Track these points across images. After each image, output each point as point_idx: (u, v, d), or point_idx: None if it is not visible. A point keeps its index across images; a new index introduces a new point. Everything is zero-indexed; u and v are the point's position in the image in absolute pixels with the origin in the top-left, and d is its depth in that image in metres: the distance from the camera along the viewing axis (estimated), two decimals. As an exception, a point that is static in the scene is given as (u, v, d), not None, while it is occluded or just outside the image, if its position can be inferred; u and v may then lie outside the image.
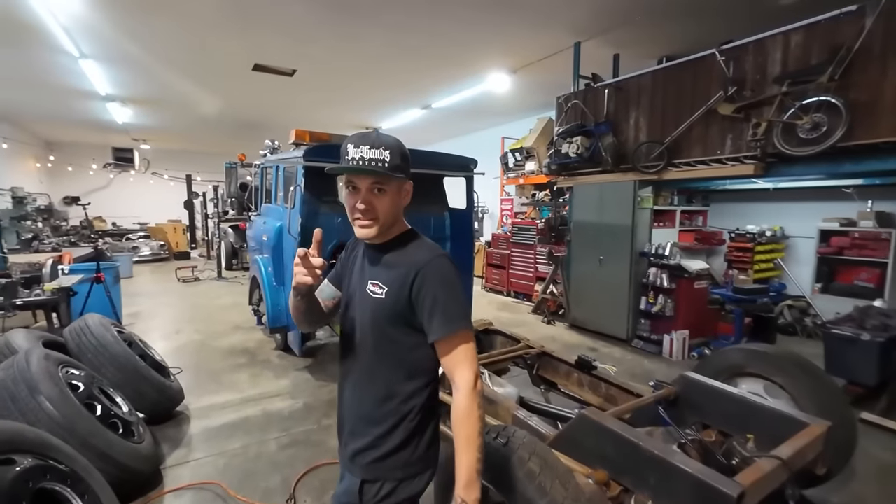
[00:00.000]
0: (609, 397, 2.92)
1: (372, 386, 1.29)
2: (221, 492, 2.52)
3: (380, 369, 1.28)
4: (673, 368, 4.66)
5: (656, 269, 5.16)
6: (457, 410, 1.20)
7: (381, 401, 1.28)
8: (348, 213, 1.27)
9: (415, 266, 1.24)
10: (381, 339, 1.27)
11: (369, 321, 1.28)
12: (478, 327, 3.95)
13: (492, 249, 8.96)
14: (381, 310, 1.26)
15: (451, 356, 1.23)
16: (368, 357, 1.30)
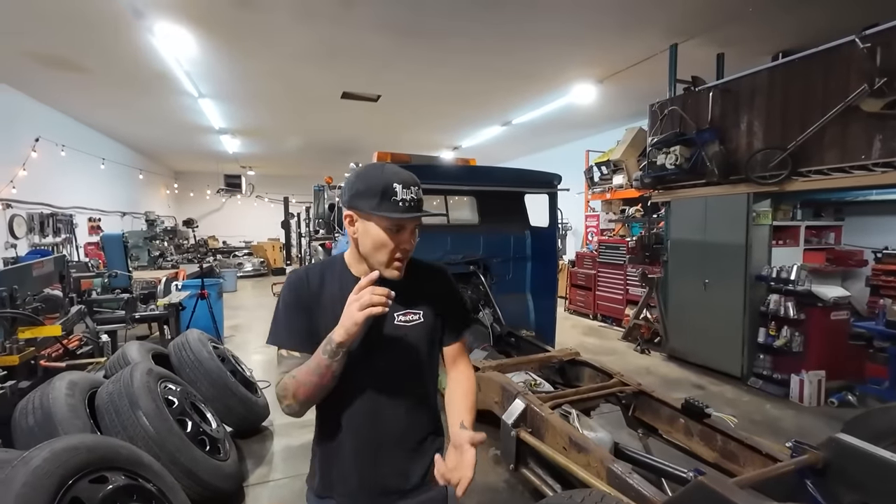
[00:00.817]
0: (727, 454, 2.43)
1: (414, 413, 1.30)
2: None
3: (418, 393, 1.31)
4: (805, 417, 3.87)
5: (779, 297, 4.39)
6: (469, 381, 1.33)
7: (423, 420, 1.33)
8: (382, 253, 1.17)
9: (434, 280, 1.34)
10: (421, 363, 1.29)
11: (406, 351, 1.26)
12: (563, 357, 3.62)
13: (576, 269, 8.44)
14: (424, 333, 1.28)
15: (458, 352, 1.36)
16: (404, 388, 1.28)
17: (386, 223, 1.14)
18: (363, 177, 1.17)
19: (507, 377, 3.11)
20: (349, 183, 1.20)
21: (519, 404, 2.77)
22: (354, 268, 1.25)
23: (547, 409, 2.61)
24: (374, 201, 1.12)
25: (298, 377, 1.12)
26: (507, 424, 2.70)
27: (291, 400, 1.12)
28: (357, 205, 1.15)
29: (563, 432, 2.40)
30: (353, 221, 1.18)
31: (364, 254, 1.19)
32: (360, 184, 1.15)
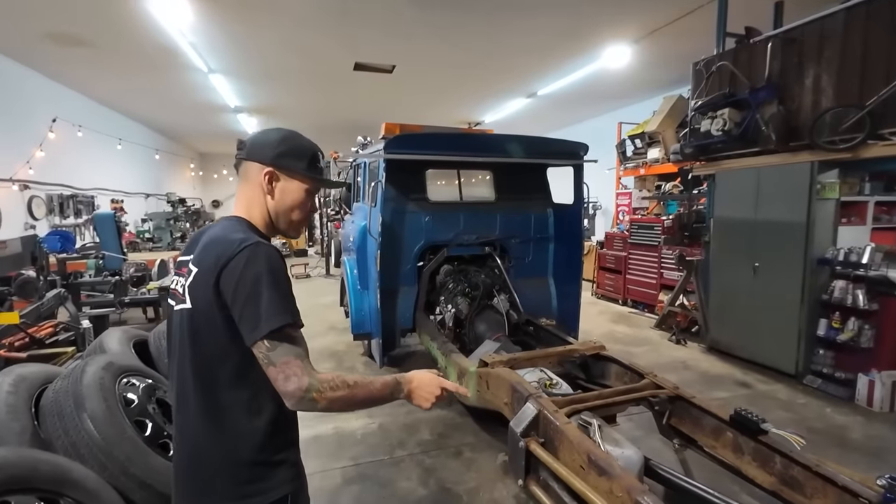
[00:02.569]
0: (789, 481, 1.95)
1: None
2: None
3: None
4: (877, 425, 3.29)
5: (846, 283, 3.75)
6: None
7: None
8: (297, 213, 1.23)
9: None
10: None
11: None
12: (586, 351, 3.16)
13: (605, 251, 7.84)
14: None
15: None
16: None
17: (309, 186, 1.20)
18: (288, 140, 1.19)
19: (518, 375, 2.70)
20: (269, 142, 1.18)
21: (530, 409, 2.35)
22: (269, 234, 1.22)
23: (563, 417, 2.18)
24: (304, 163, 1.18)
25: (355, 391, 1.05)
26: (514, 433, 2.30)
27: (327, 398, 1.01)
28: (285, 164, 1.17)
29: (580, 448, 1.98)
30: (274, 179, 1.17)
31: (278, 212, 1.19)
32: (285, 146, 1.17)
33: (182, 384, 1.09)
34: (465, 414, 3.45)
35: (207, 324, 1.05)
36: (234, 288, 1.01)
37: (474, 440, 3.10)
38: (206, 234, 1.15)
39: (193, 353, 1.07)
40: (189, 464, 1.11)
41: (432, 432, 3.19)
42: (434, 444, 3.04)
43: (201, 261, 1.07)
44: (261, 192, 1.17)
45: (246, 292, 1.00)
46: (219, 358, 1.06)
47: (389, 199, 3.99)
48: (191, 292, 1.06)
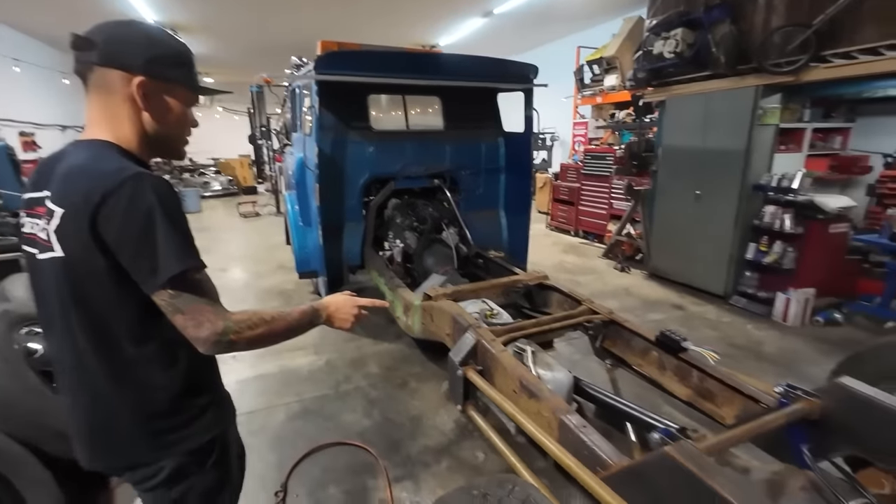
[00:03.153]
0: (704, 392, 2.09)
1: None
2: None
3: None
4: (789, 339, 3.61)
5: (776, 208, 3.92)
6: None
7: None
8: (184, 131, 1.08)
9: None
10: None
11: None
12: (529, 281, 3.20)
13: (559, 183, 7.84)
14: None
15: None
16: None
17: (191, 98, 1.05)
18: (160, 41, 0.98)
19: (459, 307, 2.70)
20: (136, 42, 0.94)
21: (469, 339, 2.37)
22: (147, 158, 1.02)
23: (499, 346, 2.22)
24: (184, 70, 1.02)
25: (273, 325, 1.01)
26: (453, 362, 2.33)
27: (246, 337, 0.94)
28: (163, 72, 0.96)
29: (514, 374, 2.02)
30: (149, 92, 0.95)
31: (160, 133, 1.00)
32: (159, 48, 0.96)
33: (71, 343, 0.95)
34: (412, 346, 3.50)
35: (90, 274, 0.88)
36: (118, 231, 0.84)
37: (420, 371, 3.16)
38: (63, 163, 0.92)
39: (80, 308, 0.91)
40: (95, 426, 1.02)
41: (380, 365, 3.22)
42: (381, 376, 3.08)
43: (65, 198, 0.87)
44: (130, 108, 0.95)
45: (136, 235, 0.85)
46: (113, 311, 0.92)
47: (327, 127, 3.69)
48: (60, 239, 0.87)
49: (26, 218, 0.94)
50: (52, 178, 0.91)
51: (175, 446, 1.03)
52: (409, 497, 2.02)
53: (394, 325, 3.41)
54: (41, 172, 0.95)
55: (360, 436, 2.44)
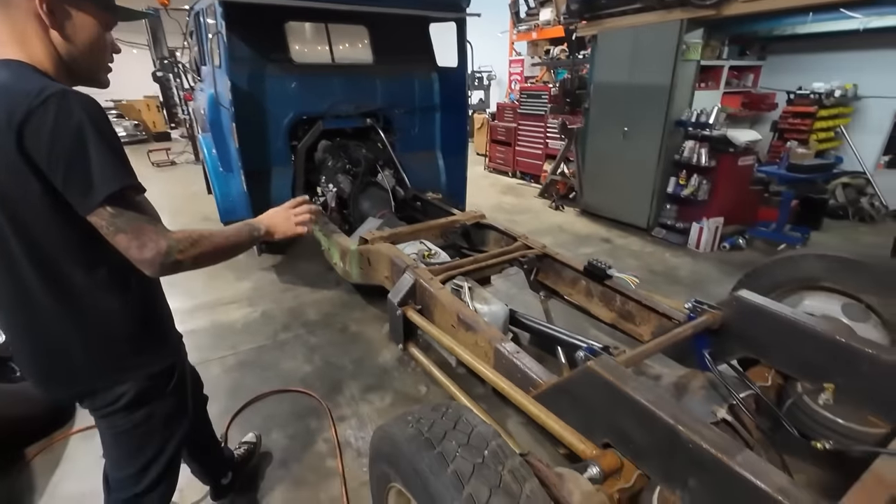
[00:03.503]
0: (626, 314, 2.27)
1: None
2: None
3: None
4: (700, 263, 3.98)
5: (694, 143, 4.16)
6: None
7: None
8: (102, 56, 1.00)
9: None
10: None
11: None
12: (467, 220, 3.22)
13: (496, 123, 7.78)
14: None
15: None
16: None
17: (105, 18, 0.97)
18: None
19: (396, 249, 2.67)
20: None
21: (407, 279, 2.37)
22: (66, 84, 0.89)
23: (437, 284, 2.24)
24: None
25: (214, 240, 1.01)
26: (392, 303, 2.33)
27: (191, 255, 0.95)
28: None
29: (451, 309, 2.06)
30: (55, 9, 0.88)
31: (74, 57, 0.93)
32: None
33: (14, 279, 0.91)
34: (352, 292, 3.46)
35: (24, 200, 0.84)
36: (48, 150, 0.80)
37: (361, 315, 3.15)
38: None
39: (19, 239, 0.88)
40: (52, 356, 1.00)
41: (319, 313, 3.17)
42: (321, 323, 3.04)
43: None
44: (38, 26, 0.88)
45: (67, 153, 0.81)
46: (55, 238, 0.89)
47: (240, 58, 3.32)
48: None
49: None
50: None
51: (137, 370, 1.06)
52: (354, 433, 2.07)
53: (332, 273, 3.33)
54: None
55: (301, 382, 2.43)
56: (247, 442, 1.93)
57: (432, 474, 0.88)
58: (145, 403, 1.09)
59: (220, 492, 1.73)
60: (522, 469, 0.90)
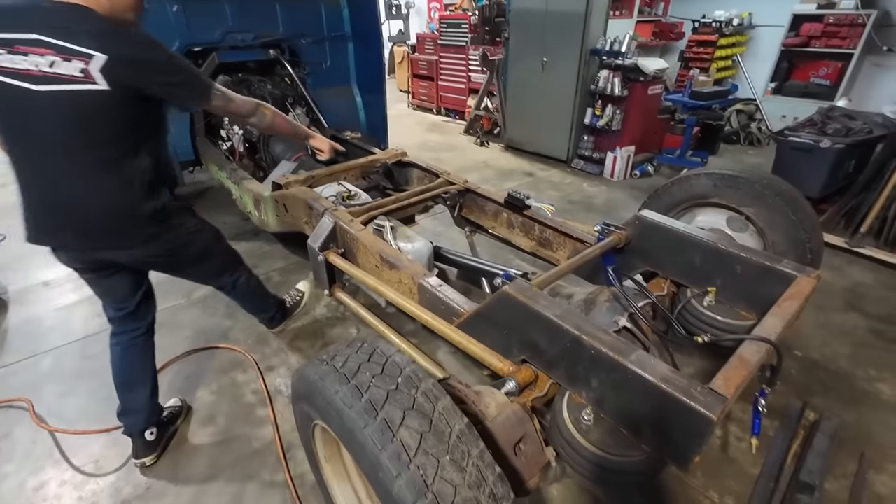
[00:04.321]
0: (544, 242, 2.37)
1: None
2: (28, 414, 1.88)
3: None
4: (614, 191, 4.23)
5: (608, 73, 4.24)
6: None
7: None
8: None
9: None
10: None
11: None
12: (388, 159, 3.10)
13: (417, 56, 7.38)
14: None
15: None
16: None
17: None
18: None
19: (314, 192, 2.53)
20: None
21: (327, 223, 2.28)
22: None
23: (358, 226, 2.17)
24: None
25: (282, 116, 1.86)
26: (313, 248, 2.24)
27: (272, 111, 1.78)
28: None
29: (374, 249, 2.03)
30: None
31: None
32: None
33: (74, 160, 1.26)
34: (273, 241, 3.28)
35: (119, 102, 1.23)
36: (166, 74, 1.31)
37: (284, 265, 3.03)
38: (52, 13, 1.17)
39: (92, 130, 1.25)
40: (111, 216, 1.35)
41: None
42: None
43: (101, 44, 1.16)
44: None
45: (178, 69, 1.35)
46: (123, 131, 1.29)
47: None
48: (109, 76, 1.17)
49: (22, 55, 1.14)
50: (48, 20, 1.16)
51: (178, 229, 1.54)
52: (283, 381, 2.04)
53: (250, 223, 3.12)
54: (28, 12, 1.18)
55: (223, 338, 2.32)
56: (170, 407, 1.87)
57: (347, 406, 0.88)
58: (192, 214, 1.63)
59: (143, 447, 1.68)
60: (435, 390, 0.94)
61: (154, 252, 1.46)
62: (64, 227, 1.33)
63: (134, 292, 1.60)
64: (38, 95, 1.15)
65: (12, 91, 1.16)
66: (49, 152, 1.25)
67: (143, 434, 1.66)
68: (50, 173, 1.28)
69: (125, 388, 1.66)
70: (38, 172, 1.29)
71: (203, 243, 1.67)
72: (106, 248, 1.41)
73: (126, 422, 1.66)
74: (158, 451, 1.71)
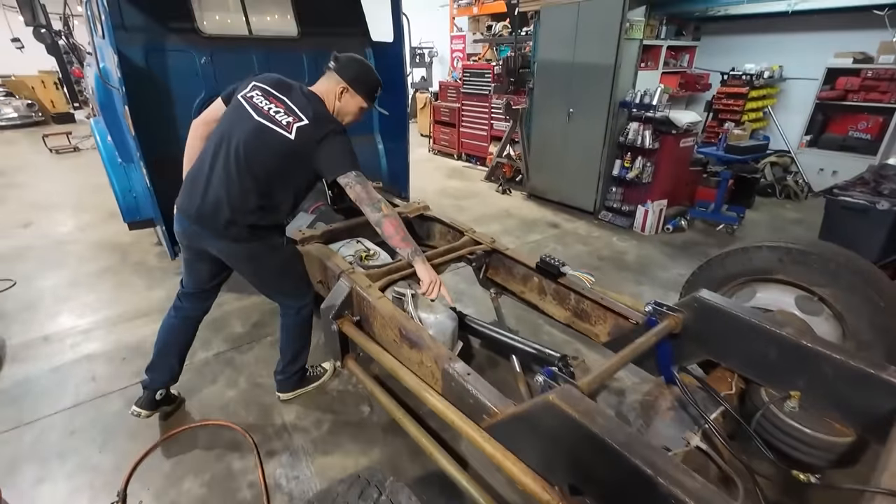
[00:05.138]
0: (580, 313, 2.14)
1: None
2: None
3: None
4: (645, 247, 3.99)
5: (638, 125, 4.11)
6: None
7: None
8: (352, 119, 1.92)
9: None
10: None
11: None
12: (410, 213, 2.95)
13: (439, 103, 7.45)
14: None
15: None
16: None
17: (364, 104, 1.90)
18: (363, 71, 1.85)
19: (330, 251, 2.36)
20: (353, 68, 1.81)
21: (342, 287, 2.09)
22: None
23: (376, 292, 1.97)
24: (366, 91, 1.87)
25: (401, 226, 1.80)
26: (326, 316, 2.05)
27: (387, 212, 1.77)
28: (355, 87, 1.83)
29: (393, 322, 1.82)
30: (343, 95, 1.82)
31: (340, 113, 1.82)
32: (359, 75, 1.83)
33: (238, 176, 1.65)
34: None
35: (297, 156, 1.66)
36: (330, 149, 1.67)
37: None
38: (302, 94, 1.71)
39: (258, 165, 1.66)
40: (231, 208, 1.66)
41: (245, 323, 2.80)
42: (247, 336, 2.68)
43: (309, 116, 1.65)
44: (340, 98, 1.77)
45: (338, 151, 1.68)
46: (280, 176, 1.70)
47: (132, 27, 2.79)
48: (297, 132, 1.62)
49: (262, 99, 1.67)
50: (291, 93, 1.70)
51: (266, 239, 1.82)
52: (285, 472, 1.79)
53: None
54: (280, 82, 1.74)
55: (222, 411, 2.10)
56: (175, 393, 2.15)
57: None
58: (280, 234, 1.92)
59: (149, 402, 1.95)
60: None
61: (237, 252, 1.75)
62: (199, 200, 1.66)
63: (210, 280, 1.93)
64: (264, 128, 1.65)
65: (239, 112, 1.68)
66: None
67: (155, 392, 1.96)
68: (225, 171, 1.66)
69: (162, 352, 1.97)
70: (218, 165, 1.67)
71: (281, 260, 1.92)
72: (204, 233, 1.69)
73: (149, 376, 1.97)
74: (156, 412, 2.01)
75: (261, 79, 1.73)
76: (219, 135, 1.68)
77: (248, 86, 1.71)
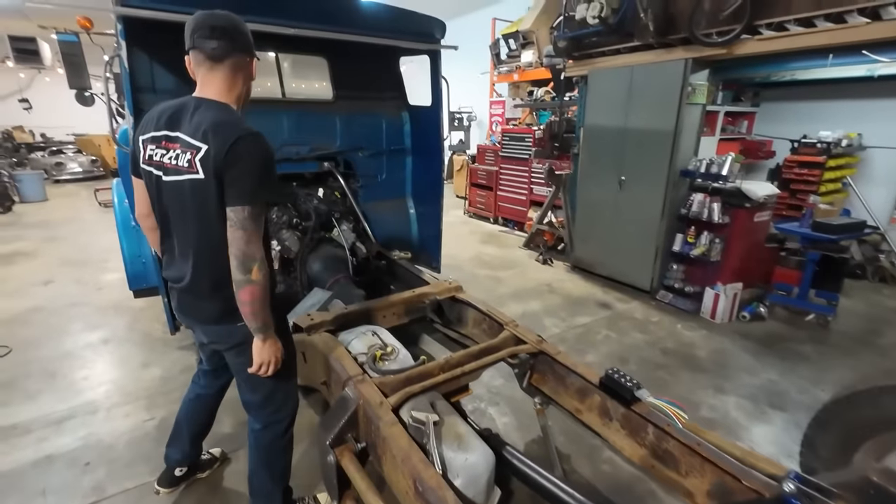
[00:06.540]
0: (663, 455, 1.56)
1: None
2: None
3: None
4: (718, 337, 3.34)
5: (703, 196, 3.61)
6: None
7: None
8: None
9: None
10: None
11: None
12: (439, 294, 2.51)
13: (477, 166, 7.26)
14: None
15: None
16: None
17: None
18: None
19: (338, 344, 1.93)
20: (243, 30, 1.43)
21: (347, 400, 1.64)
22: None
23: (388, 415, 1.50)
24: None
25: (267, 296, 1.39)
26: (322, 441, 1.57)
27: (259, 280, 1.33)
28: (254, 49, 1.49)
29: (406, 467, 1.33)
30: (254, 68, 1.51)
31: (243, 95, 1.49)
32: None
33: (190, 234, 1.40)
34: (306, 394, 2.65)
35: (208, 190, 1.30)
36: (235, 166, 1.27)
37: (296, 424, 2.35)
38: (196, 113, 1.33)
39: (200, 211, 1.34)
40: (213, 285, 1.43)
41: (236, 422, 2.34)
42: (237, 438, 2.22)
43: (206, 137, 1.28)
44: (242, 81, 1.44)
45: (244, 170, 1.28)
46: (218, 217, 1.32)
47: (157, 90, 2.66)
48: (202, 166, 1.28)
49: (155, 149, 1.37)
50: (184, 122, 1.33)
51: None
52: None
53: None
54: (171, 118, 1.36)
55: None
56: (210, 453, 2.06)
57: None
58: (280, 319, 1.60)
59: (168, 479, 1.89)
60: None
61: (224, 338, 1.51)
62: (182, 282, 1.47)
63: (221, 358, 1.69)
64: None
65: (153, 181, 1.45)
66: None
67: (173, 468, 1.89)
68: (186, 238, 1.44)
69: (177, 429, 1.87)
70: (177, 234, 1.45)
71: None
72: (190, 315, 1.52)
73: (167, 451, 1.89)
74: (178, 488, 1.90)
75: (148, 123, 1.42)
76: (159, 216, 1.46)
77: (141, 145, 1.42)
